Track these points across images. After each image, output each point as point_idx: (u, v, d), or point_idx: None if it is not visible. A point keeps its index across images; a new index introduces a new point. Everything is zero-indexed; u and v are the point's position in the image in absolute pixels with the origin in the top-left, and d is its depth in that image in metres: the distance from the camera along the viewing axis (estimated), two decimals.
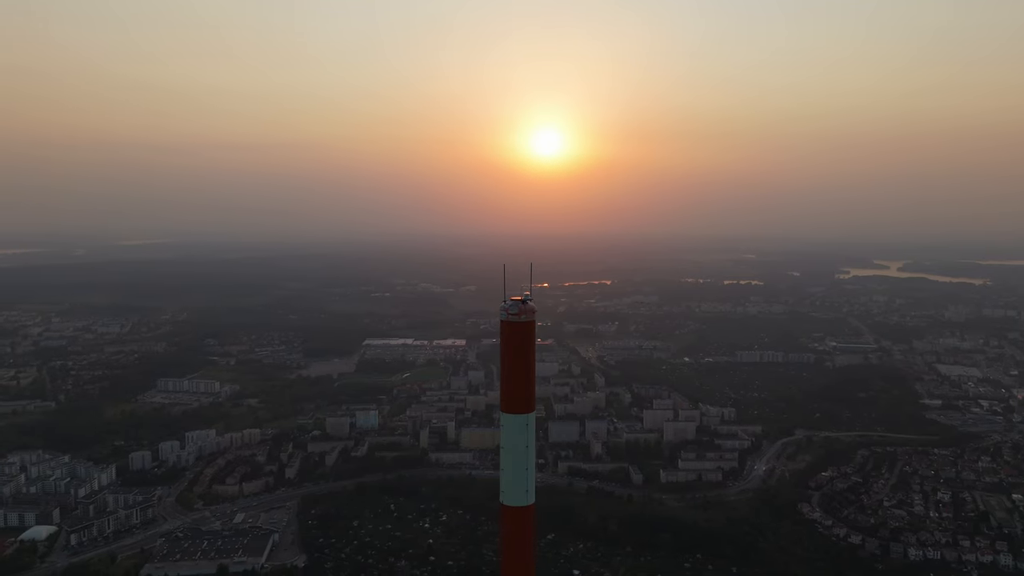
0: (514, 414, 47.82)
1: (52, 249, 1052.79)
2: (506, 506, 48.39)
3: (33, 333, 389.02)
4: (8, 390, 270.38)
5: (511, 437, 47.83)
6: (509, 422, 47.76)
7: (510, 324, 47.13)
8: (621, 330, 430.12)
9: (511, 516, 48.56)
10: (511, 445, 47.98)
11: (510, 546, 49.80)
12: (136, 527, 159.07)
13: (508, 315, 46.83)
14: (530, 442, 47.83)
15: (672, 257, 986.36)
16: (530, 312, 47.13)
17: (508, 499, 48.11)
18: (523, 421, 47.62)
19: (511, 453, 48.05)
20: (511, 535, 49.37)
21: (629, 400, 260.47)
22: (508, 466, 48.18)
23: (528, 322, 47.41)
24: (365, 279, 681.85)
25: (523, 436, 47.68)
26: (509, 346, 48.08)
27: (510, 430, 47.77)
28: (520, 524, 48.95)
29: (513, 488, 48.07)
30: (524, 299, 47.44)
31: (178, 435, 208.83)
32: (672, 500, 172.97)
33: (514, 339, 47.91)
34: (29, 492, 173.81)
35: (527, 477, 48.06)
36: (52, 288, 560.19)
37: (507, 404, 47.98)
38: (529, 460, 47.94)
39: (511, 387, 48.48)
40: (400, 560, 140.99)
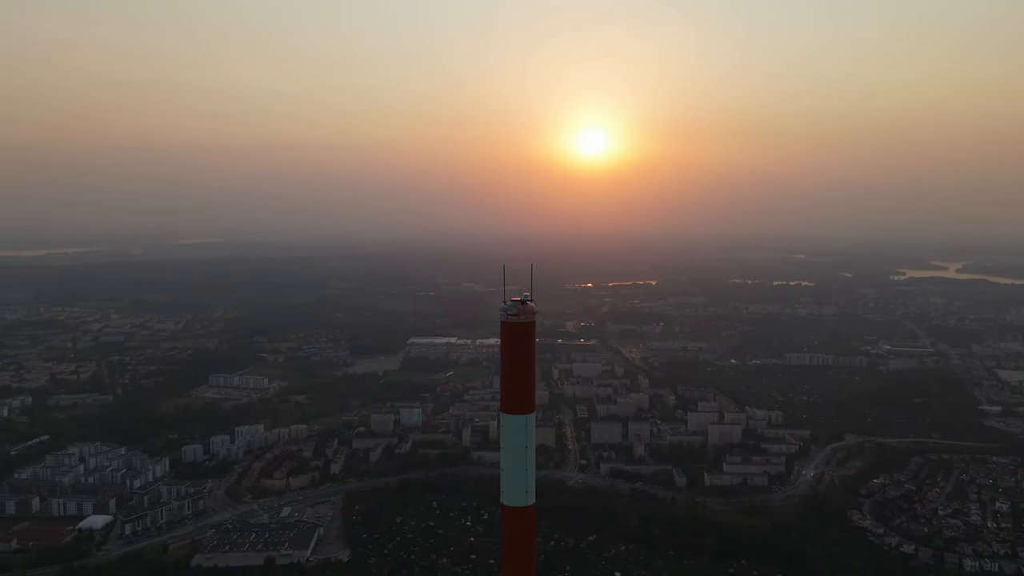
0: (514, 414, 48.16)
1: (112, 248, 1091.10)
2: (506, 506, 48.97)
3: (93, 329, 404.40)
4: (69, 384, 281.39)
5: (510, 437, 48.39)
6: (508, 422, 48.35)
7: (510, 325, 47.43)
8: (666, 331, 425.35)
9: (511, 516, 49.15)
10: (511, 445, 48.55)
11: (511, 546, 50.43)
12: (188, 518, 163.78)
13: (507, 316, 47.09)
14: (530, 442, 48.30)
15: (719, 257, 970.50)
16: (530, 313, 47.38)
17: (508, 499, 48.82)
18: (522, 422, 48.07)
19: (511, 453, 48.63)
20: (512, 535, 49.92)
21: (673, 402, 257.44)
22: (508, 466, 48.89)
23: (528, 323, 47.66)
24: (410, 278, 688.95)
25: (522, 436, 48.18)
26: (509, 347, 48.40)
27: (509, 430, 48.37)
28: (520, 524, 49.39)
29: (513, 488, 48.59)
30: (523, 299, 47.60)
31: (228, 429, 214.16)
32: (716, 504, 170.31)
33: (514, 340, 48.21)
34: (87, 482, 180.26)
35: (527, 477, 48.54)
36: (111, 286, 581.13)
37: (507, 405, 48.52)
38: (529, 460, 48.41)
39: (511, 388, 48.91)
40: (442, 558, 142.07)
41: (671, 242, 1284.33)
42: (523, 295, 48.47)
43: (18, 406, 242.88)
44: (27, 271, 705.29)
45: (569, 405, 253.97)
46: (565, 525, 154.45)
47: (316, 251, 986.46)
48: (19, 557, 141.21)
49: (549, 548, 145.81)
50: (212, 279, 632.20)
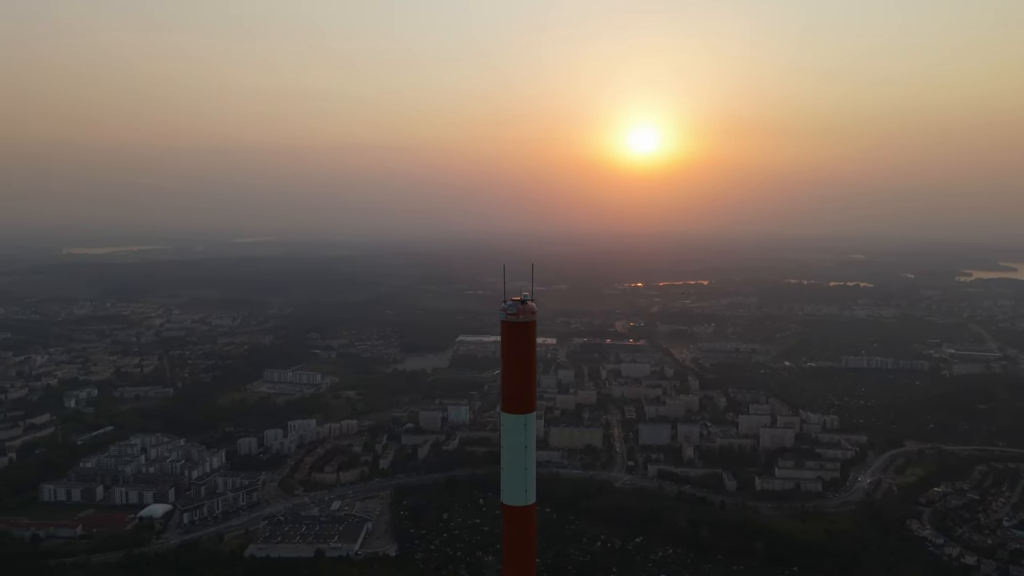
0: (513, 414, 48.12)
1: (174, 246, 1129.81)
2: (506, 505, 48.96)
3: (156, 324, 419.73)
4: (132, 377, 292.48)
5: (510, 437, 48.62)
6: (508, 422, 48.59)
7: (510, 324, 47.37)
8: (718, 332, 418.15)
9: (511, 516, 49.27)
10: (510, 445, 48.69)
11: (511, 546, 50.56)
12: (242, 509, 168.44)
13: (507, 315, 46.95)
14: (529, 442, 48.41)
15: (773, 257, 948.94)
16: (529, 312, 47.34)
17: (508, 499, 48.99)
18: (522, 421, 48.16)
19: (510, 453, 48.78)
20: (511, 535, 49.98)
21: (724, 404, 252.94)
22: (508, 466, 49.07)
23: (528, 322, 47.68)
24: (459, 277, 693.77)
25: (522, 436, 48.29)
26: (508, 346, 48.35)
27: (509, 430, 48.62)
28: (520, 524, 49.46)
29: (512, 488, 48.76)
30: (523, 299, 47.50)
31: (282, 423, 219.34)
32: (767, 509, 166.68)
33: (513, 339, 48.14)
34: (148, 472, 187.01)
35: (526, 477, 48.64)
36: (173, 283, 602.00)
37: (507, 404, 48.69)
38: (528, 460, 48.53)
39: (510, 387, 49.05)
40: (488, 555, 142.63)
41: (723, 241, 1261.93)
42: (523, 295, 48.63)
43: (85, 397, 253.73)
44: (96, 268, 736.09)
45: (617, 406, 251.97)
46: (612, 526, 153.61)
47: (368, 250, 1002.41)
48: (84, 543, 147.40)
49: (596, 549, 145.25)
50: (268, 277, 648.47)
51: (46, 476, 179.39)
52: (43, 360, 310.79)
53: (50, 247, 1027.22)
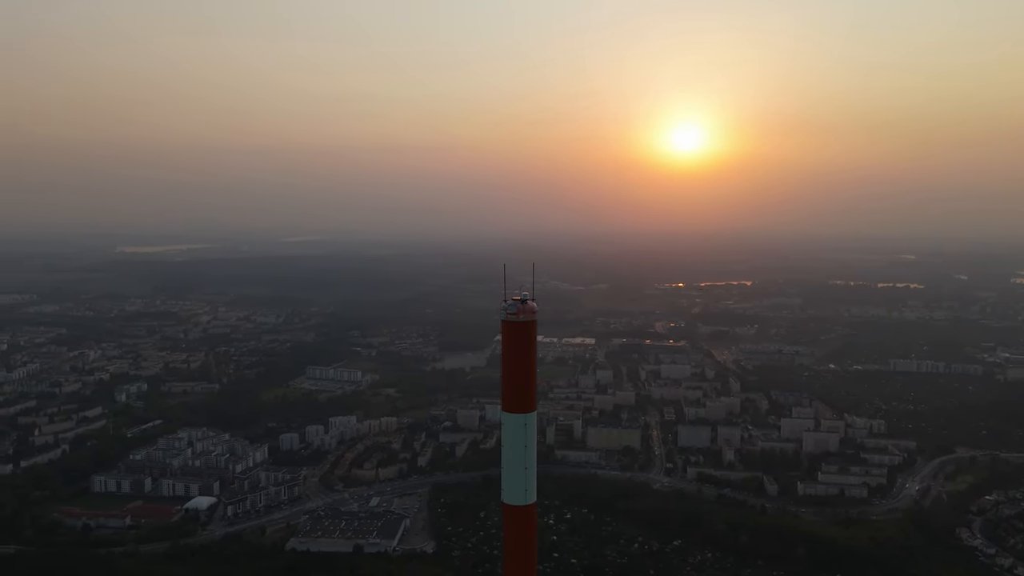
0: (513, 413, 47.74)
1: (221, 245, 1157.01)
2: (506, 504, 48.65)
3: (203, 321, 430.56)
4: (180, 372, 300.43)
5: (510, 436, 48.56)
6: (508, 421, 48.69)
7: (510, 324, 47.12)
8: (760, 333, 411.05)
9: (511, 515, 49.29)
10: (510, 444, 48.53)
11: (511, 545, 50.41)
12: (284, 503, 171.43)
13: (507, 315, 46.53)
14: (529, 442, 48.39)
15: (819, 257, 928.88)
16: (529, 312, 47.19)
17: (508, 498, 48.91)
18: (521, 421, 48.06)
19: (510, 452, 48.71)
20: (512, 534, 49.90)
21: (766, 407, 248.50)
22: (508, 465, 49.10)
23: (527, 322, 47.64)
24: (498, 276, 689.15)
25: (522, 435, 48.22)
26: (508, 346, 48.12)
27: (509, 429, 48.76)
28: (520, 523, 49.38)
29: (512, 487, 48.76)
30: (523, 299, 47.30)
31: (323, 420, 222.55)
32: (810, 514, 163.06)
33: (513, 339, 47.95)
34: (194, 465, 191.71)
35: (526, 476, 48.64)
36: (220, 281, 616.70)
37: (507, 403, 48.50)
38: (528, 459, 48.44)
39: (510, 387, 48.88)
40: None
41: (766, 241, 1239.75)
42: (522, 294, 48.54)
43: (135, 392, 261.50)
44: (147, 266, 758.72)
45: (656, 407, 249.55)
46: (650, 528, 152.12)
47: (409, 249, 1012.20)
48: (132, 533, 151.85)
49: (633, 551, 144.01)
50: (312, 275, 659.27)
51: (97, 467, 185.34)
52: (96, 355, 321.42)
53: (104, 246, 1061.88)
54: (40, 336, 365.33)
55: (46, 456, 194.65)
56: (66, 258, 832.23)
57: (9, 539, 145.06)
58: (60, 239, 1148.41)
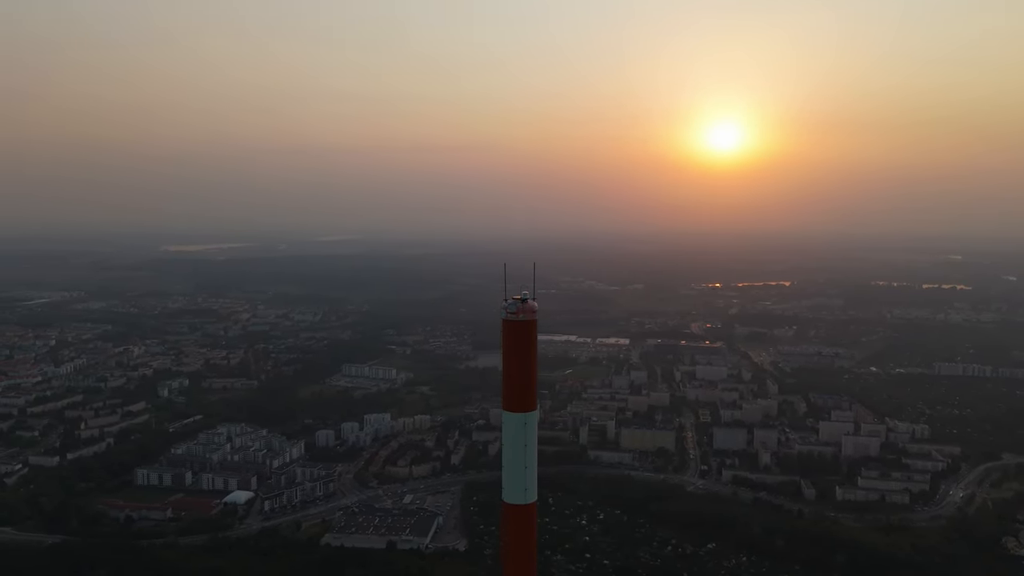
0: (513, 412, 47.69)
1: (261, 244, 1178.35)
2: (506, 503, 48.95)
3: (242, 319, 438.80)
4: (220, 368, 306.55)
5: (510, 435, 48.91)
6: (508, 420, 48.71)
7: (510, 323, 47.02)
8: (799, 335, 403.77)
9: (511, 514, 49.57)
10: (510, 443, 48.93)
11: (511, 544, 50.77)
12: (319, 499, 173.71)
13: (507, 314, 46.43)
14: (529, 441, 48.24)
15: (862, 257, 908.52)
16: (529, 311, 47.10)
17: (508, 496, 49.26)
18: (521, 420, 47.99)
19: (511, 451, 49.01)
20: (511, 533, 50.20)
21: (804, 410, 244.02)
22: (508, 464, 49.34)
23: (527, 321, 47.66)
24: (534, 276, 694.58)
25: (521, 434, 48.21)
26: (509, 345, 48.30)
27: (510, 428, 48.99)
28: (520, 522, 49.61)
29: (512, 486, 49.01)
30: (523, 298, 47.18)
31: (358, 417, 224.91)
32: (849, 520, 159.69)
33: (513, 338, 48.06)
34: (233, 460, 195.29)
35: (526, 476, 48.70)
36: (259, 279, 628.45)
37: (507, 402, 48.58)
38: (528, 459, 48.47)
39: (510, 386, 48.96)
40: (556, 554, 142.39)
41: (808, 241, 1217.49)
42: (522, 293, 48.62)
43: (177, 387, 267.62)
44: (189, 265, 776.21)
45: (691, 408, 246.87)
46: (683, 531, 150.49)
47: (444, 248, 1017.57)
48: (173, 525, 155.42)
49: (666, 553, 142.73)
50: (348, 274, 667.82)
51: (140, 461, 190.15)
52: (140, 351, 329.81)
53: (148, 245, 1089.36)
54: (87, 332, 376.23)
55: (91, 449, 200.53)
56: (112, 257, 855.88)
57: (56, 529, 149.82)
58: (106, 238, 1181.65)
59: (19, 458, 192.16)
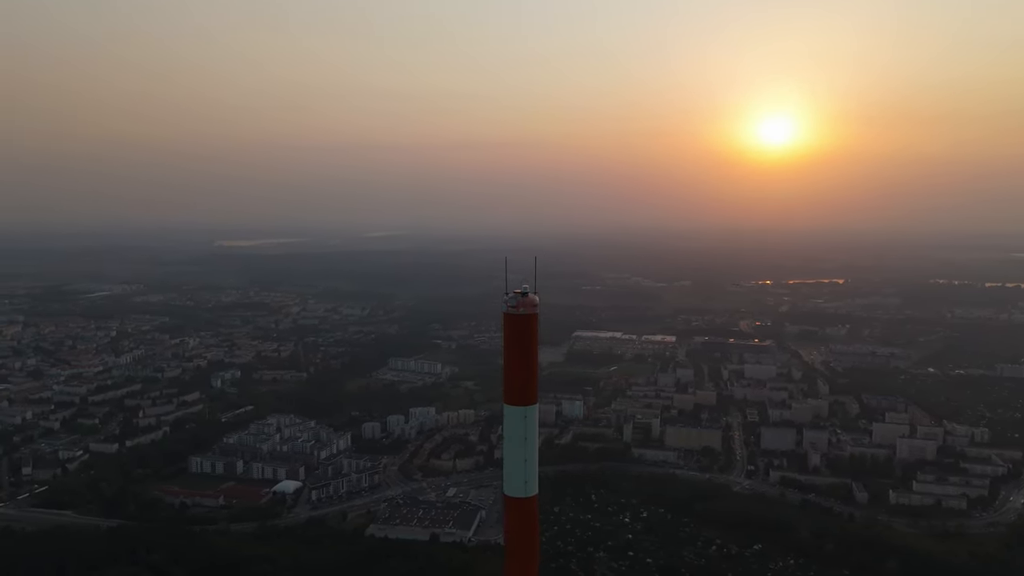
0: (513, 406, 47.96)
1: (312, 239, 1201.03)
2: (508, 497, 49.64)
3: (293, 312, 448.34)
4: (271, 361, 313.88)
5: (511, 428, 49.02)
6: (509, 413, 49.04)
7: (510, 317, 47.15)
8: (852, 334, 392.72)
9: (512, 507, 49.73)
10: (511, 436, 49.09)
11: (512, 537, 50.79)
12: (365, 490, 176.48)
13: (508, 308, 47.00)
14: (529, 434, 48.36)
15: (921, 255, 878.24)
16: (529, 305, 46.96)
17: (509, 490, 49.47)
18: (521, 413, 48.00)
19: (511, 444, 49.18)
20: (512, 526, 50.40)
21: (856, 411, 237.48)
22: (508, 457, 49.48)
23: (528, 315, 47.74)
24: (578, 272, 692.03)
25: (521, 428, 48.31)
26: (509, 338, 48.59)
27: (510, 421, 49.09)
28: (521, 515, 49.58)
29: (513, 479, 49.09)
30: (524, 291, 47.01)
31: (403, 410, 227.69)
32: (902, 525, 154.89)
33: (514, 331, 48.21)
34: (282, 450, 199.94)
35: (526, 469, 48.64)
36: (310, 274, 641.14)
37: (508, 396, 49.01)
38: (528, 452, 48.69)
39: (511, 379, 49.07)
40: (599, 551, 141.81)
41: (865, 238, 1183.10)
42: (523, 287, 48.58)
43: (229, 379, 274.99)
44: (242, 259, 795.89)
45: (738, 408, 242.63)
46: (729, 531, 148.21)
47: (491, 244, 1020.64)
48: (224, 512, 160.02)
49: (711, 553, 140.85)
50: (396, 270, 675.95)
51: (194, 449, 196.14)
52: (195, 343, 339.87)
53: (204, 240, 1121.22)
54: (146, 324, 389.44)
55: (149, 437, 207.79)
56: (169, 251, 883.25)
57: (114, 513, 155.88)
58: (163, 234, 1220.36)
59: (81, 444, 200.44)
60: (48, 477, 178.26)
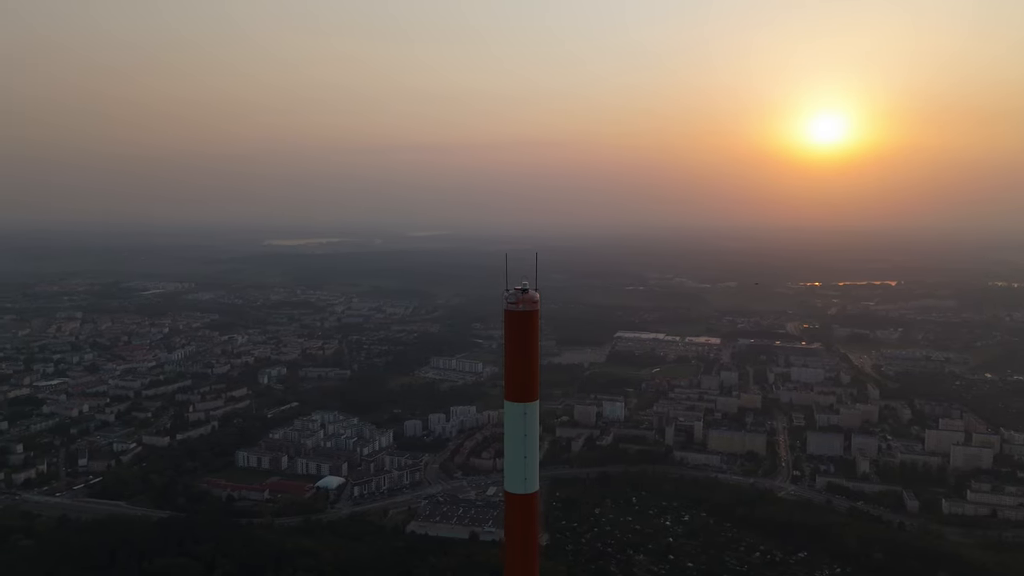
0: (513, 402, 48.14)
1: (357, 239, 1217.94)
2: (507, 493, 49.90)
3: (338, 311, 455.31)
4: (315, 358, 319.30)
5: (511, 424, 49.14)
6: (509, 410, 49.18)
7: (511, 313, 47.35)
8: (905, 338, 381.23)
9: (512, 503, 49.98)
10: (511, 433, 49.23)
11: (512, 533, 50.77)
12: (406, 487, 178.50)
13: (508, 304, 47.68)
14: (529, 431, 48.21)
15: (980, 257, 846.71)
16: (529, 302, 46.75)
17: (509, 486, 49.71)
18: (521, 410, 47.87)
19: (511, 440, 49.34)
20: (512, 522, 50.48)
21: (908, 417, 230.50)
22: (508, 453, 49.72)
23: (528, 311, 47.77)
24: (621, 272, 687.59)
25: (521, 424, 48.19)
26: (510, 335, 49.02)
27: (510, 418, 49.18)
28: (521, 512, 49.69)
29: (513, 476, 49.28)
30: (524, 288, 46.72)
31: (444, 409, 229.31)
32: (955, 535, 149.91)
33: (514, 328, 48.49)
34: (325, 446, 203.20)
35: (525, 465, 48.60)
36: (354, 272, 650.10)
37: (508, 392, 49.24)
38: (528, 449, 48.73)
39: (511, 375, 49.32)
40: (639, 554, 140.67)
41: (921, 239, 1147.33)
42: (523, 283, 48.50)
43: (275, 375, 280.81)
44: (289, 258, 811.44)
45: (784, 411, 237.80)
46: (772, 537, 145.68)
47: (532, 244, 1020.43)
48: (269, 506, 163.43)
49: (754, 559, 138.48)
50: (438, 269, 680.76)
51: (241, 443, 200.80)
52: (243, 340, 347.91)
53: (252, 239, 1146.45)
54: (197, 321, 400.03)
55: (198, 431, 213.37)
56: (219, 251, 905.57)
57: (164, 504, 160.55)
58: (215, 233, 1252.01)
59: (134, 437, 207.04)
60: (103, 468, 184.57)
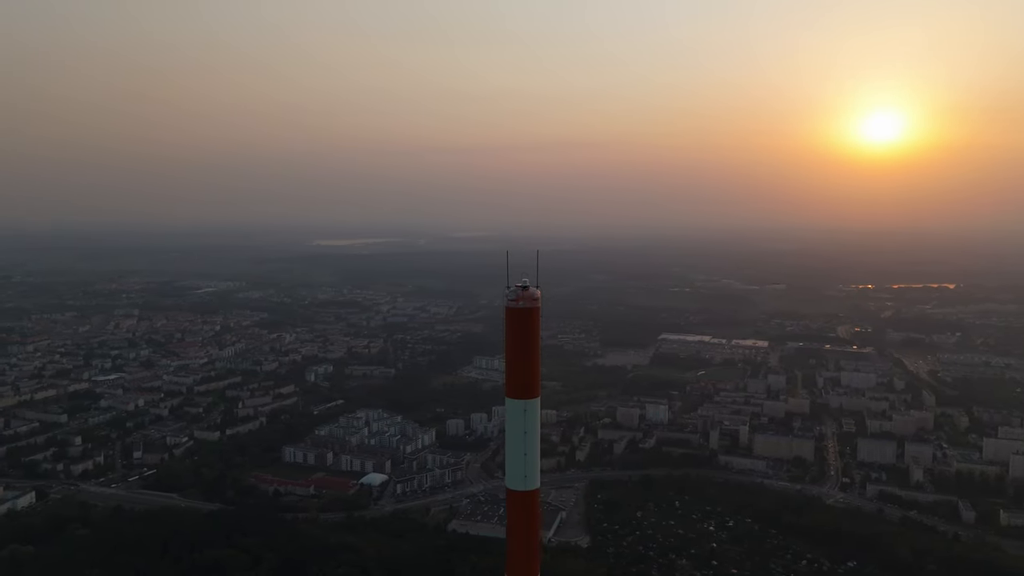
0: (514, 399, 47.69)
1: (402, 239, 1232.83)
2: (508, 490, 49.85)
3: (383, 310, 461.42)
4: (361, 356, 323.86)
5: (511, 421, 49.00)
6: (510, 407, 49.13)
7: (512, 310, 46.98)
8: (963, 343, 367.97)
9: (513, 500, 49.86)
10: (511, 429, 49.12)
11: (513, 529, 50.60)
12: (447, 485, 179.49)
13: (508, 302, 47.71)
14: (529, 428, 47.53)
15: None
16: (530, 299, 45.97)
17: (510, 483, 49.67)
18: (521, 407, 47.18)
19: (511, 437, 49.23)
20: (514, 518, 50.33)
21: (966, 424, 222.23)
22: (509, 450, 49.60)
23: (528, 308, 47.17)
24: (666, 273, 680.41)
25: (521, 421, 48.00)
26: (510, 332, 48.87)
27: (511, 415, 49.10)
28: (522, 508, 49.48)
29: (514, 472, 49.15)
30: (524, 285, 46.01)
31: (487, 408, 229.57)
32: (1014, 548, 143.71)
33: (515, 325, 48.42)
34: (369, 444, 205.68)
35: (526, 463, 48.51)
36: (399, 272, 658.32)
37: (509, 389, 49.13)
38: (528, 446, 48.27)
39: (512, 372, 49.20)
40: (681, 558, 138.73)
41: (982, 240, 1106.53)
42: (523, 281, 47.98)
43: (322, 373, 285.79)
44: (337, 258, 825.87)
45: (833, 417, 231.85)
46: (820, 545, 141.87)
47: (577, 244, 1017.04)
48: (314, 502, 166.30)
49: (801, 567, 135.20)
50: (481, 269, 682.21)
51: (288, 439, 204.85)
52: (291, 338, 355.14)
53: (302, 239, 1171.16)
54: (247, 319, 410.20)
55: (247, 426, 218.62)
56: (269, 250, 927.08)
57: (213, 497, 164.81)
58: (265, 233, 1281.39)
59: (186, 431, 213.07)
60: (156, 461, 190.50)
